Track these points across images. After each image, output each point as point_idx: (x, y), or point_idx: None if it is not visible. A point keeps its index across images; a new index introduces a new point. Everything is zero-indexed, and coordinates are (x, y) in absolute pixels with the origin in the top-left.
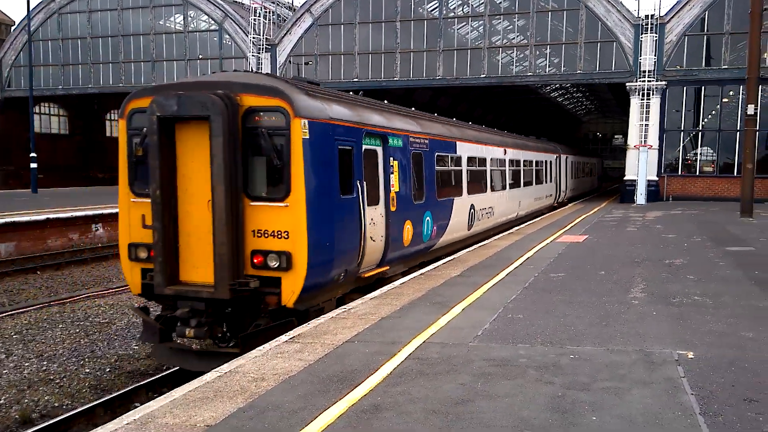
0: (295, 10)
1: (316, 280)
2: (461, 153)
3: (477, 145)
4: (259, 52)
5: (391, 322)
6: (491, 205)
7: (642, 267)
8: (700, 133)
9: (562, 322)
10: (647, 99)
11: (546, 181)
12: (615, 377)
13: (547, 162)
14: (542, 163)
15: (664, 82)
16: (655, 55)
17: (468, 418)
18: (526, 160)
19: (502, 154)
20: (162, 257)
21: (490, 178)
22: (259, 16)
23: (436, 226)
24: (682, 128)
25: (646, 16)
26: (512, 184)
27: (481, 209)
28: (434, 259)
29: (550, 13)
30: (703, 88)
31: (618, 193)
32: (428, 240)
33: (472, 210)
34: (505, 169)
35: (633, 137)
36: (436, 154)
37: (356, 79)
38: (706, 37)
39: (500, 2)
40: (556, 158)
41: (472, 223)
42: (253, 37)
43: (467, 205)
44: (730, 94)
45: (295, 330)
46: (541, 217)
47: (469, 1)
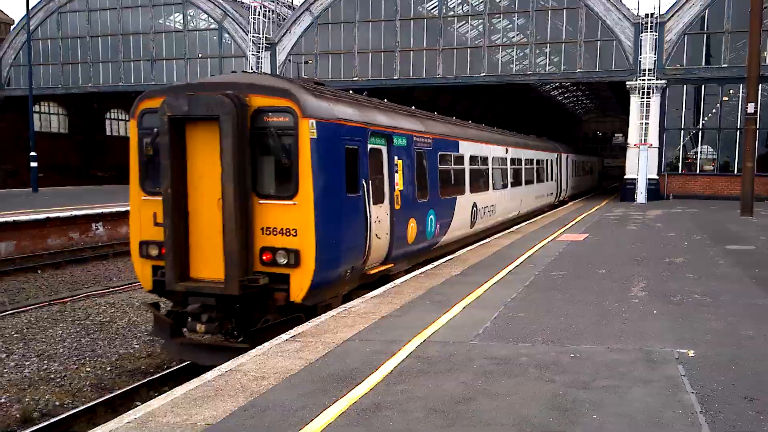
0: (294, 9)
1: (323, 276)
2: (464, 152)
3: (479, 144)
4: (259, 51)
5: (392, 321)
6: (493, 204)
7: (642, 265)
8: (700, 132)
9: (562, 321)
10: (647, 97)
11: (547, 180)
12: (615, 376)
13: (547, 161)
14: (543, 162)
15: (664, 81)
16: (655, 54)
17: (469, 417)
18: (527, 159)
19: (503, 152)
20: (173, 254)
21: (492, 177)
22: (259, 15)
23: (440, 224)
24: (682, 127)
25: (646, 15)
26: (514, 182)
27: (484, 207)
28: (438, 257)
29: (550, 12)
30: (703, 86)
31: (618, 192)
32: (432, 238)
33: (475, 208)
34: (507, 168)
35: (633, 136)
36: (439, 153)
37: (356, 78)
38: (705, 36)
39: (500, 1)
40: (556, 157)
41: (475, 221)
42: (253, 36)
43: (470, 204)
44: (730, 92)
45: (295, 329)
46: (542, 216)
47: (469, 0)
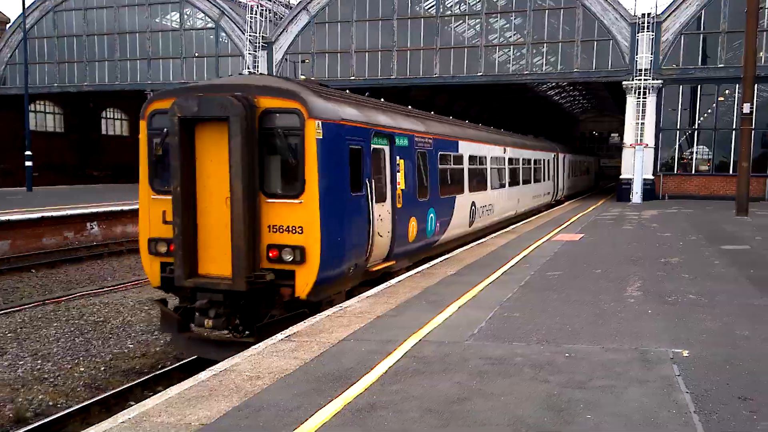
0: (291, 8)
1: (328, 273)
2: (463, 152)
3: (478, 144)
4: (256, 50)
5: (387, 321)
6: (491, 203)
7: (638, 265)
8: (696, 132)
9: (557, 321)
10: (643, 97)
11: (544, 180)
12: (611, 376)
13: (545, 160)
14: (540, 162)
15: (660, 81)
16: (652, 54)
17: (464, 417)
18: (525, 159)
19: (501, 152)
20: (182, 251)
21: (490, 176)
22: (256, 14)
23: (439, 223)
24: (678, 127)
25: (643, 15)
26: (511, 182)
27: (482, 206)
28: (437, 255)
29: (547, 12)
30: (699, 86)
31: (614, 192)
32: (432, 236)
33: (473, 207)
34: (505, 168)
35: (629, 136)
36: (440, 153)
37: (353, 78)
38: (702, 36)
39: (497, 1)
40: (553, 157)
41: (473, 220)
42: (250, 35)
43: (468, 203)
44: (726, 92)
45: (290, 328)
46: (538, 216)
47: (466, 0)
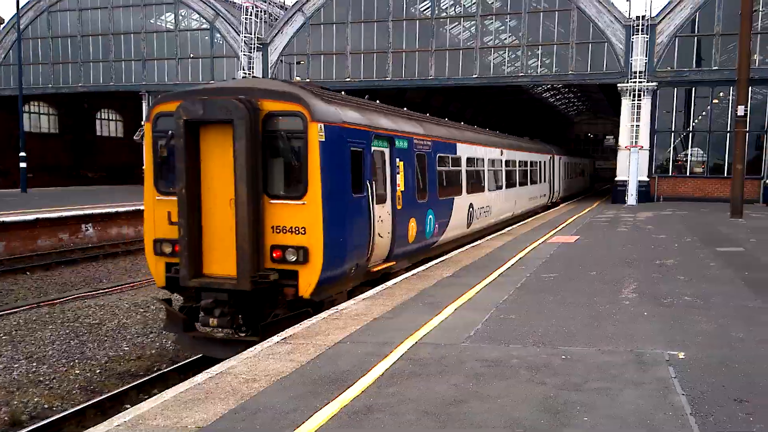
0: (286, 10)
1: (330, 273)
2: (461, 154)
3: (475, 146)
4: (251, 52)
5: (384, 323)
6: (489, 204)
7: (633, 267)
8: (691, 134)
9: (553, 323)
10: (638, 100)
11: (540, 182)
12: (607, 378)
13: (541, 163)
14: (536, 164)
15: (654, 83)
16: (646, 56)
17: (460, 419)
18: (522, 161)
19: (498, 154)
20: (187, 252)
21: (487, 178)
22: (251, 15)
23: (438, 224)
24: (673, 129)
25: (637, 17)
26: (508, 184)
27: (480, 208)
28: (436, 256)
29: (542, 14)
30: (694, 89)
31: (609, 194)
32: (431, 237)
33: (471, 209)
34: (502, 170)
35: (624, 138)
36: (438, 155)
37: (348, 79)
38: (696, 39)
39: (492, 3)
40: (549, 159)
41: (471, 222)
42: (245, 37)
43: (466, 204)
44: (720, 95)
45: (287, 331)
46: (534, 218)
47: (462, 2)
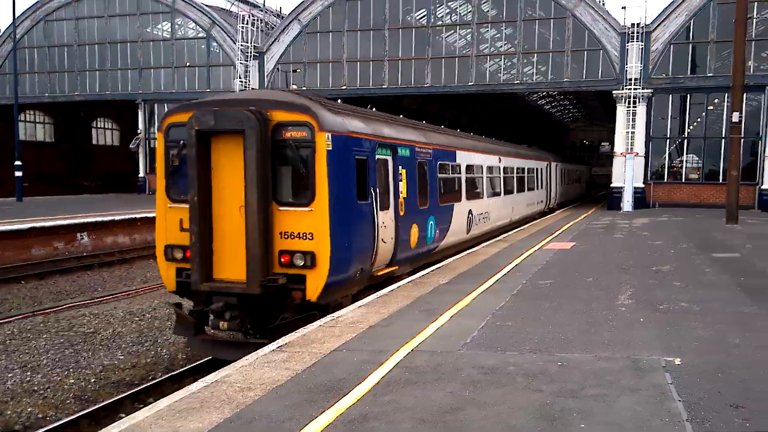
0: (283, 18)
1: (336, 277)
2: (460, 161)
3: (474, 153)
4: (247, 60)
5: (379, 331)
6: (487, 211)
7: (629, 274)
8: (686, 141)
9: (550, 330)
10: (633, 107)
11: (537, 188)
12: (603, 384)
13: (538, 169)
14: (534, 171)
15: (650, 90)
16: (641, 63)
17: (457, 427)
18: (519, 168)
19: (497, 162)
20: (199, 257)
21: (486, 185)
22: (247, 24)
23: (439, 230)
24: (668, 135)
25: (632, 25)
26: (506, 190)
27: (479, 214)
28: (436, 261)
29: (538, 22)
30: (689, 95)
31: (605, 200)
32: (432, 242)
33: (470, 215)
34: (500, 177)
35: (619, 144)
36: (439, 163)
37: (344, 87)
38: (691, 46)
39: (488, 11)
40: (546, 166)
41: (471, 228)
42: (241, 45)
43: (466, 211)
44: (715, 101)
45: (282, 339)
46: (530, 224)
47: (457, 10)
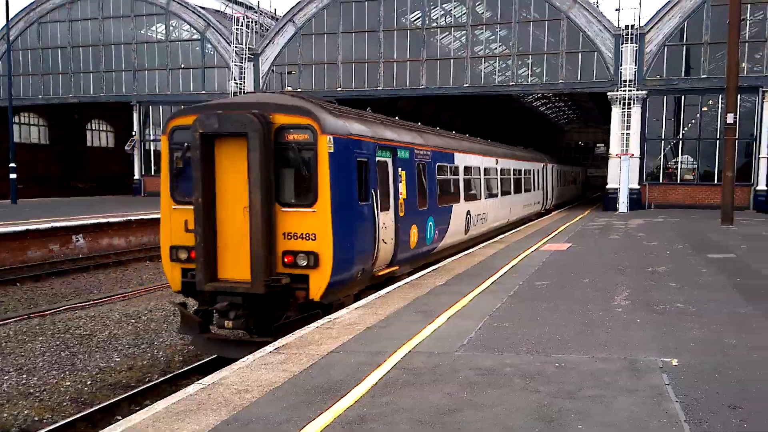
0: (278, 20)
1: (339, 276)
2: (459, 163)
3: (472, 155)
4: (242, 62)
5: (377, 332)
6: (485, 212)
7: (625, 275)
8: (681, 142)
9: (547, 331)
10: (628, 108)
11: (534, 189)
12: (600, 385)
13: (534, 171)
14: (530, 172)
15: (644, 92)
16: (636, 65)
17: (455, 428)
18: (516, 170)
19: (494, 163)
20: (203, 258)
21: (483, 186)
22: (242, 26)
23: (438, 231)
24: (663, 137)
25: (627, 27)
26: (503, 191)
27: (477, 215)
28: (435, 261)
29: (532, 24)
30: (683, 97)
31: (601, 201)
32: (431, 243)
33: (469, 216)
34: (497, 178)
35: (614, 146)
36: (437, 165)
37: (339, 89)
38: (685, 47)
39: (482, 13)
40: (542, 167)
41: (469, 228)
42: (236, 47)
43: (464, 212)
44: (710, 103)
45: (279, 340)
46: (526, 225)
47: (452, 12)
